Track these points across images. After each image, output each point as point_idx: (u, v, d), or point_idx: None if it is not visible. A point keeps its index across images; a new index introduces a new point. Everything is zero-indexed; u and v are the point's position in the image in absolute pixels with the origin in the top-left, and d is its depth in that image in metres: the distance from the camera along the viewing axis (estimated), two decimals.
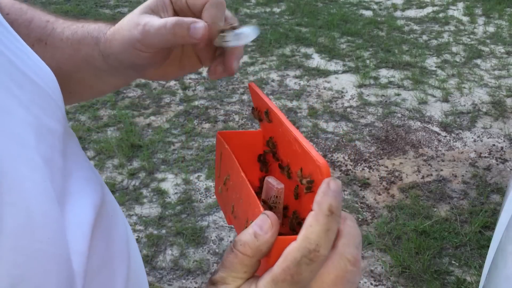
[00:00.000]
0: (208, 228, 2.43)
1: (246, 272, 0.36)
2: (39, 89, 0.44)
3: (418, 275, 2.15)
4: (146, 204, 2.59)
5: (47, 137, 0.41)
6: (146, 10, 0.51)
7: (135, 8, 0.54)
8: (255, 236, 0.35)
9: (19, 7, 0.62)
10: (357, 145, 3.10)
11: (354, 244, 0.36)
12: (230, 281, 0.36)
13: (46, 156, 0.40)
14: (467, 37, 4.85)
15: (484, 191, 2.68)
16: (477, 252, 2.27)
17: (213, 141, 3.12)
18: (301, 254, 0.34)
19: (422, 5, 5.81)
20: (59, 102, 0.47)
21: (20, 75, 0.42)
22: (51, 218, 0.37)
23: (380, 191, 2.69)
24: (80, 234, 0.41)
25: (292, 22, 5.19)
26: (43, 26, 0.60)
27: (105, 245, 0.45)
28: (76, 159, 0.47)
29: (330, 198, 0.35)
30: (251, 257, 0.36)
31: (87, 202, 0.44)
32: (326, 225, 0.34)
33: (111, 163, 2.91)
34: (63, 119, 0.47)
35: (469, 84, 3.87)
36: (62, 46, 0.57)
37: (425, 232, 2.38)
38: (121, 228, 0.50)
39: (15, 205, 0.33)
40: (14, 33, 0.47)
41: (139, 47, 0.50)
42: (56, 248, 0.37)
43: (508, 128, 3.28)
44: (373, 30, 4.99)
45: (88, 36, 0.56)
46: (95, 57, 0.55)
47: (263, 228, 0.35)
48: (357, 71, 4.06)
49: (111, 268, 0.45)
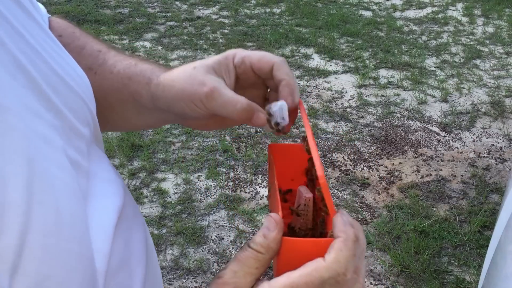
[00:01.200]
0: (208, 227, 2.44)
1: (257, 268, 0.39)
2: (73, 93, 0.46)
3: (418, 275, 2.16)
4: (146, 204, 2.60)
5: (74, 140, 0.43)
6: (209, 70, 0.51)
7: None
8: (264, 236, 0.39)
9: (72, 31, 0.63)
10: (357, 145, 3.11)
11: (357, 254, 0.39)
12: (242, 276, 0.39)
13: (73, 158, 0.41)
14: (466, 37, 4.86)
15: (483, 191, 2.69)
16: (476, 252, 2.28)
17: (213, 141, 3.13)
18: (329, 275, 0.36)
19: (422, 6, 5.82)
20: (91, 106, 0.50)
21: (57, 79, 0.44)
22: (78, 218, 0.38)
23: (379, 191, 2.70)
24: (103, 234, 0.42)
25: (292, 22, 5.20)
26: (94, 55, 0.61)
27: (124, 246, 0.46)
28: (100, 161, 0.49)
29: (355, 227, 0.39)
30: (264, 254, 0.39)
31: (110, 203, 0.46)
32: (354, 250, 0.37)
33: (112, 163, 2.90)
34: (92, 123, 0.49)
35: (468, 84, 3.88)
36: (111, 78, 0.58)
37: (424, 231, 2.39)
38: (140, 230, 0.51)
39: (45, 204, 0.34)
40: (54, 38, 0.49)
41: (199, 105, 0.51)
42: (81, 247, 0.38)
43: (507, 128, 3.29)
44: (372, 30, 5.00)
45: (140, 74, 0.57)
46: (143, 95, 0.56)
47: (269, 228, 0.40)
48: (357, 72, 4.07)
49: (129, 269, 0.46)
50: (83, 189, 0.42)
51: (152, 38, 4.72)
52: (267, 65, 0.51)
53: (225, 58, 0.52)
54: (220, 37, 4.80)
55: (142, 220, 0.54)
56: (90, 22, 5.03)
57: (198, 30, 4.95)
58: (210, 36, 4.80)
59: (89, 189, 0.43)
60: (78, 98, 0.47)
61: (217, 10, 5.58)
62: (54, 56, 0.46)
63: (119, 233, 0.45)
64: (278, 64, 0.51)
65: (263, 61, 0.51)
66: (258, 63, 0.52)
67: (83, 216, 0.39)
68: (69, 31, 0.63)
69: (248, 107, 0.50)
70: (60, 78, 0.45)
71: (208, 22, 5.18)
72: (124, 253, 0.45)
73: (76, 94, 0.46)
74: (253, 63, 0.52)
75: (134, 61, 0.59)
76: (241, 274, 0.39)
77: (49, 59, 0.44)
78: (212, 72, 0.52)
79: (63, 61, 0.47)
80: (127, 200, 0.50)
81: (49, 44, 0.47)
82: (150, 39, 4.70)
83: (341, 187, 2.72)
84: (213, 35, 4.85)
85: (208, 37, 4.79)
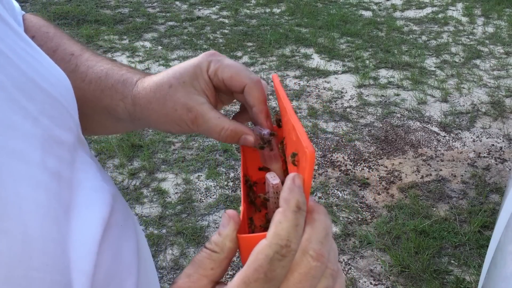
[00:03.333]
0: (208, 227, 2.44)
1: (213, 269, 0.37)
2: (51, 98, 0.43)
3: (418, 275, 2.16)
4: (146, 204, 2.60)
5: (55, 149, 0.40)
6: (189, 89, 0.50)
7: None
8: (219, 234, 0.37)
9: (46, 31, 0.60)
10: (357, 145, 3.11)
11: (318, 239, 0.36)
12: (196, 280, 0.36)
13: (53, 169, 0.39)
14: (466, 37, 4.86)
15: (483, 190, 2.69)
16: (476, 252, 2.28)
17: (213, 141, 3.13)
18: (273, 251, 0.34)
19: (422, 6, 5.82)
20: (72, 110, 0.47)
21: (30, 85, 0.41)
22: (52, 242, 0.35)
23: (379, 191, 2.70)
24: (85, 253, 0.39)
25: (292, 22, 5.20)
26: (66, 59, 0.58)
27: (112, 258, 0.43)
28: (86, 168, 0.46)
29: (296, 194, 0.35)
30: (218, 252, 0.37)
31: (95, 215, 0.43)
32: (295, 220, 0.35)
33: (112, 163, 2.92)
34: (75, 128, 0.46)
35: (468, 84, 3.88)
36: (83, 88, 0.55)
37: (424, 231, 2.39)
38: (131, 238, 0.48)
39: (10, 232, 0.32)
40: (28, 39, 0.46)
41: (185, 128, 0.51)
42: (54, 274, 0.35)
43: (507, 128, 3.29)
44: (372, 30, 5.00)
45: (112, 87, 0.54)
46: (118, 111, 0.54)
47: (223, 224, 0.37)
48: (357, 72, 4.07)
49: (118, 282, 0.43)
50: (64, 203, 0.39)
51: (152, 38, 4.72)
52: (238, 85, 0.50)
53: (200, 69, 0.51)
54: (220, 37, 4.80)
55: (135, 226, 0.51)
56: (90, 22, 5.02)
57: (198, 30, 4.95)
58: (210, 36, 4.80)
59: (72, 201, 0.40)
60: (56, 103, 0.43)
61: (217, 10, 5.58)
62: (28, 59, 0.43)
63: (106, 246, 0.42)
64: (249, 88, 0.50)
65: (234, 80, 0.50)
66: (229, 80, 0.50)
67: (59, 238, 0.36)
68: (43, 30, 0.60)
69: (232, 133, 0.49)
70: (35, 83, 0.41)
71: (208, 22, 5.18)
72: (112, 266, 0.43)
73: (54, 99, 0.43)
74: (225, 79, 0.50)
75: (106, 68, 0.56)
76: (196, 277, 0.36)
77: (22, 64, 0.41)
78: (192, 91, 0.50)
79: (38, 64, 0.44)
80: (117, 206, 0.48)
81: (21, 47, 0.43)
82: (150, 39, 4.70)
83: (341, 187, 2.72)
84: (213, 35, 4.85)
85: (208, 37, 4.79)
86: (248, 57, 4.32)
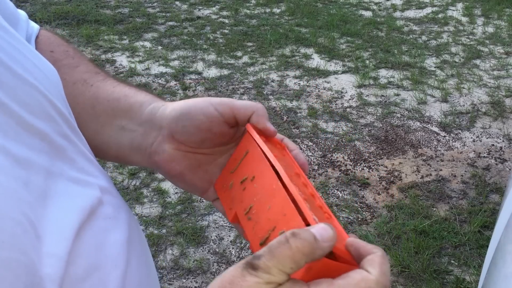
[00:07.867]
0: (208, 227, 2.44)
1: (292, 269, 0.35)
2: (27, 85, 0.42)
3: (418, 275, 2.16)
4: (146, 204, 2.60)
5: (23, 136, 0.40)
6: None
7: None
8: (314, 239, 0.35)
9: (66, 49, 0.62)
10: (357, 145, 3.11)
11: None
12: (275, 273, 0.34)
13: (17, 156, 0.38)
14: (466, 37, 4.86)
15: (483, 191, 2.69)
16: (476, 252, 2.28)
17: None
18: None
19: (422, 6, 5.82)
20: (57, 101, 0.46)
21: (2, 70, 0.40)
22: (10, 220, 0.35)
23: (379, 191, 2.70)
24: (59, 237, 0.39)
25: (292, 22, 5.20)
26: (93, 71, 0.61)
27: (95, 249, 0.43)
28: (73, 159, 0.46)
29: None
30: (305, 256, 0.34)
31: (75, 204, 0.43)
32: (389, 265, 0.39)
33: (112, 163, 2.91)
34: (59, 118, 0.46)
35: (468, 84, 3.88)
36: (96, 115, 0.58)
37: (424, 231, 2.39)
38: (121, 231, 0.48)
39: None
40: (7, 28, 0.46)
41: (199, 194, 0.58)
42: (12, 252, 0.34)
43: (507, 128, 3.29)
44: (372, 30, 5.00)
45: (127, 141, 0.57)
46: (129, 159, 0.59)
47: (323, 236, 0.35)
48: (357, 72, 4.07)
49: (101, 274, 0.42)
50: (36, 189, 0.39)
51: (152, 38, 4.72)
52: (245, 116, 0.54)
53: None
54: (220, 37, 4.80)
55: (129, 220, 0.51)
56: (90, 22, 5.02)
57: (198, 30, 4.95)
58: (210, 36, 4.80)
59: (48, 188, 0.40)
60: (33, 90, 0.43)
61: (217, 10, 5.58)
62: (4, 46, 0.42)
63: (88, 236, 0.42)
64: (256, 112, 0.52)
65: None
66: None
67: (22, 219, 0.35)
68: (62, 49, 0.61)
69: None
70: (7, 68, 0.41)
71: (208, 22, 5.18)
72: (95, 257, 0.42)
73: (31, 85, 0.43)
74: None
75: (120, 108, 0.58)
76: (275, 271, 0.35)
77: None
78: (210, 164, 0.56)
79: (17, 52, 0.43)
80: (107, 200, 0.48)
81: (3, 38, 0.43)
82: (150, 39, 4.70)
83: (341, 187, 2.72)
84: (213, 35, 4.85)
85: (208, 37, 4.79)
86: (248, 57, 4.32)
